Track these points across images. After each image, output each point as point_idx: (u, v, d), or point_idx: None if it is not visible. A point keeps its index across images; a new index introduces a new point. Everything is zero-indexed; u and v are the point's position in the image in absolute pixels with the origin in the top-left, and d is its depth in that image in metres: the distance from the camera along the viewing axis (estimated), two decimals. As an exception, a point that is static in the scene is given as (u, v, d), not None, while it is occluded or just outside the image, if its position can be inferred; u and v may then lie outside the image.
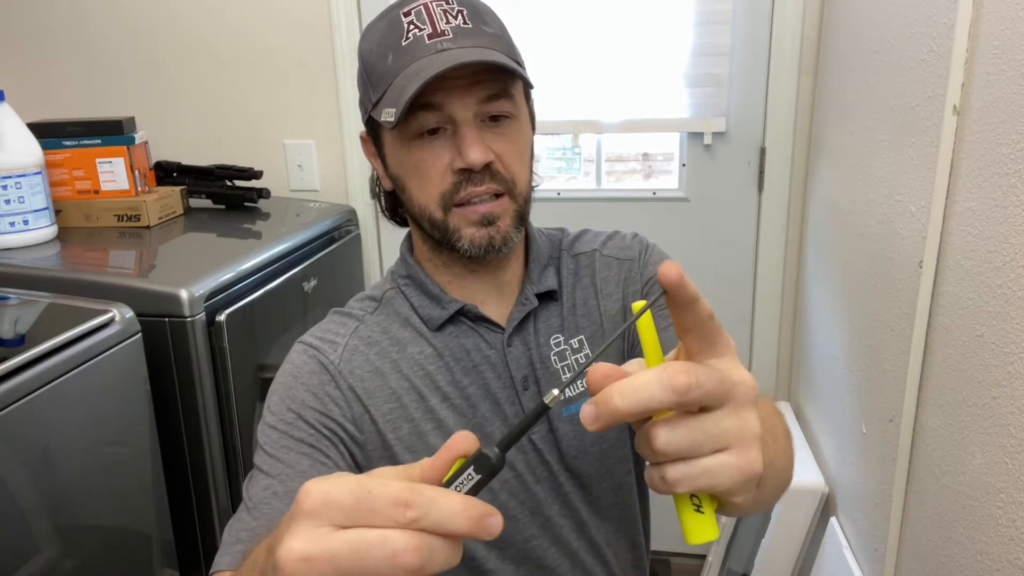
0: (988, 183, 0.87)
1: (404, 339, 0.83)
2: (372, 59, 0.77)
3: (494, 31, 0.77)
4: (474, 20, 0.76)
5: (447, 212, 0.77)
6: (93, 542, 1.12)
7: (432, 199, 0.77)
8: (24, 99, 1.85)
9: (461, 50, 0.73)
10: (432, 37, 0.74)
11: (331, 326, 0.85)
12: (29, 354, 1.01)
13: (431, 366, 0.82)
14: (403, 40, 0.75)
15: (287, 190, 1.96)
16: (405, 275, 0.87)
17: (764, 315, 1.88)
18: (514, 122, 0.78)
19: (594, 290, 0.89)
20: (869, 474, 1.25)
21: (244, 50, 1.89)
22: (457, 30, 0.75)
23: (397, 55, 0.75)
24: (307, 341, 0.83)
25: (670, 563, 2.08)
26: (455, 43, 0.74)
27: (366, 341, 0.83)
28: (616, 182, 1.95)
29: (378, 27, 0.78)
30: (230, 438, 1.33)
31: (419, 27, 0.74)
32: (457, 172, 0.76)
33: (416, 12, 0.75)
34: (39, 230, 1.49)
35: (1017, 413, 0.81)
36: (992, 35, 0.87)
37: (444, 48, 0.73)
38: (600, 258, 0.92)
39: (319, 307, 1.62)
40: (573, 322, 0.87)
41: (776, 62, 1.71)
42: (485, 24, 0.77)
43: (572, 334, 0.86)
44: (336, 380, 0.79)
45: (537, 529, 0.84)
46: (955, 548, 0.95)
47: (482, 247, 0.78)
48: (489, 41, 0.76)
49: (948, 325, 0.97)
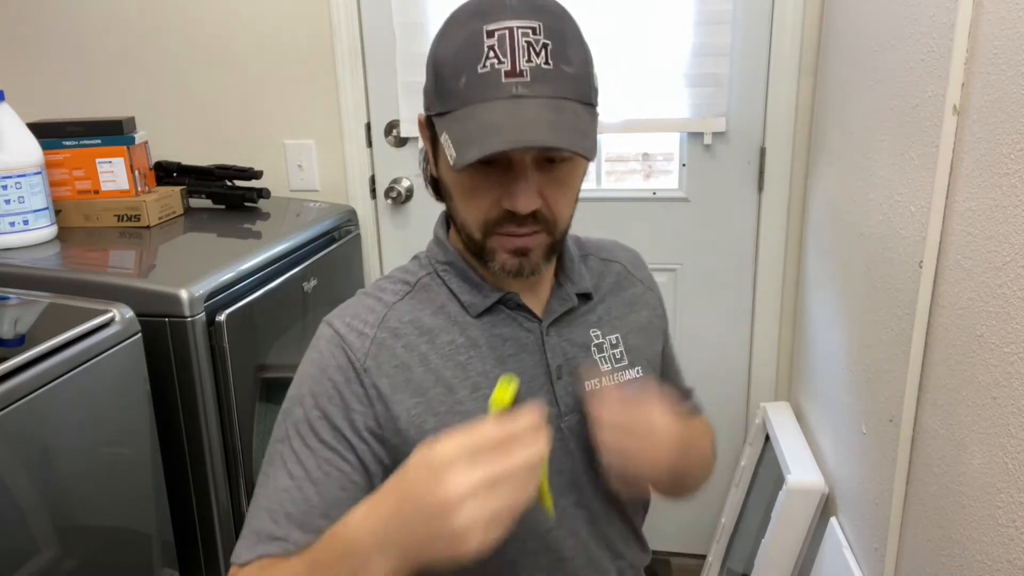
0: (988, 183, 0.87)
1: (435, 328, 0.84)
2: (445, 70, 0.75)
3: (574, 71, 0.74)
4: (556, 58, 0.72)
5: (486, 236, 0.79)
6: (93, 542, 1.12)
7: (476, 222, 0.79)
8: (24, 99, 1.84)
9: (535, 101, 0.71)
10: (509, 76, 0.71)
11: (360, 311, 0.84)
12: (29, 354, 1.01)
13: (463, 356, 0.83)
14: (480, 66, 0.72)
15: (287, 190, 1.96)
16: (444, 261, 0.87)
17: (764, 315, 1.88)
18: (572, 163, 0.78)
19: (625, 303, 0.95)
20: (869, 474, 1.25)
21: (244, 50, 1.89)
22: (536, 72, 0.71)
23: (470, 81, 0.72)
24: (336, 328, 0.83)
25: (670, 563, 2.08)
26: (530, 89, 0.71)
27: (394, 333, 0.83)
28: (616, 182, 1.95)
29: (457, 35, 0.75)
30: (230, 438, 1.33)
31: (499, 58, 0.72)
32: (504, 208, 0.76)
33: (500, 36, 0.72)
34: (39, 230, 1.50)
35: (1017, 413, 0.81)
36: (992, 35, 0.87)
37: (519, 94, 0.71)
38: (627, 274, 0.98)
39: (319, 307, 1.62)
40: (608, 322, 0.92)
41: (776, 62, 1.71)
42: (567, 63, 0.73)
43: (608, 332, 0.91)
44: (361, 378, 0.80)
45: (557, 524, 0.85)
46: (955, 548, 0.95)
47: (511, 273, 0.81)
48: (567, 88, 0.73)
49: (948, 325, 0.97)
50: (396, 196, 1.93)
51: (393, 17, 1.81)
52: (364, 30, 1.85)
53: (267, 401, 1.44)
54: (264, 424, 1.42)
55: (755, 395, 1.93)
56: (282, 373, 1.49)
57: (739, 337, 1.92)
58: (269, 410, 1.44)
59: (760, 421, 1.84)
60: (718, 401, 1.96)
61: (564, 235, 0.83)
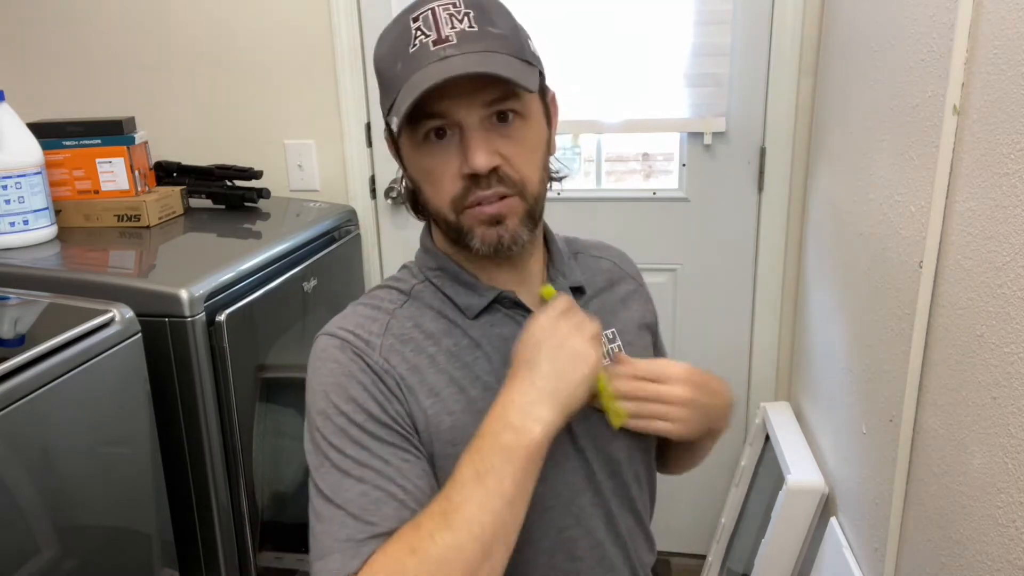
0: (988, 183, 0.87)
1: (438, 332, 0.84)
2: (383, 66, 0.78)
3: (501, 31, 0.77)
4: (480, 22, 0.76)
5: (459, 214, 0.79)
6: (93, 542, 1.12)
7: (444, 203, 0.79)
8: (24, 99, 1.84)
9: (462, 57, 0.74)
10: (436, 43, 0.74)
11: (362, 321, 0.83)
12: (29, 354, 1.01)
13: (469, 356, 0.83)
14: (410, 47, 0.75)
15: (287, 190, 1.96)
16: (435, 267, 0.87)
17: (764, 315, 1.88)
18: (523, 121, 0.78)
19: (617, 299, 0.96)
20: (869, 474, 1.25)
21: (244, 50, 1.89)
22: (461, 35, 0.75)
23: (405, 63, 0.75)
24: (343, 337, 0.81)
25: (670, 563, 2.08)
26: (458, 48, 0.74)
27: (400, 338, 0.82)
28: (616, 182, 1.95)
29: (391, 33, 0.79)
30: (230, 438, 1.33)
31: (425, 33, 0.75)
32: (465, 177, 0.77)
33: (424, 17, 0.76)
34: (39, 230, 1.50)
35: (1017, 413, 0.81)
36: (992, 35, 0.87)
37: (447, 55, 0.74)
38: (618, 271, 0.99)
39: (319, 307, 1.62)
40: (603, 317, 0.90)
41: (776, 62, 1.71)
42: (492, 25, 0.76)
43: (604, 326, 0.90)
44: (383, 378, 0.79)
45: (571, 519, 0.85)
46: (955, 548, 0.95)
47: (492, 246, 0.80)
48: (495, 44, 0.76)
49: (948, 325, 0.97)
50: (396, 196, 1.93)
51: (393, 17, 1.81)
52: (364, 30, 1.85)
53: (267, 401, 1.44)
54: (264, 424, 1.42)
55: (755, 395, 1.94)
56: (282, 373, 1.49)
57: (739, 337, 1.92)
58: (269, 410, 1.44)
59: (760, 421, 1.84)
60: (718, 401, 1.96)
61: (538, 202, 0.82)
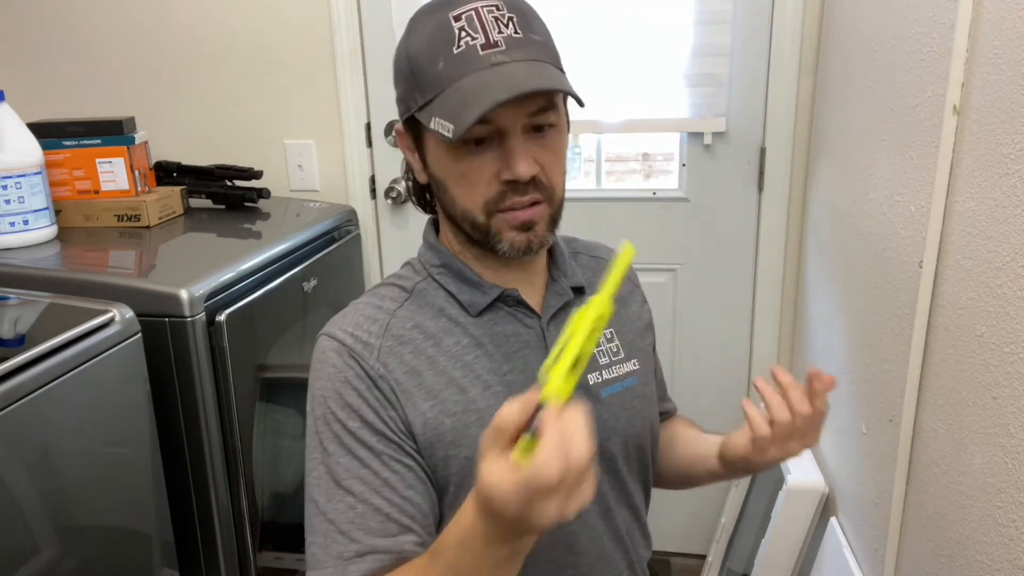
0: (988, 183, 0.87)
1: (438, 331, 0.84)
2: (420, 60, 0.77)
3: (541, 39, 0.78)
4: (524, 28, 0.76)
5: (490, 217, 0.80)
6: (93, 542, 1.12)
7: (476, 205, 0.79)
8: (24, 99, 1.84)
9: (515, 64, 0.74)
10: (485, 48, 0.74)
11: (361, 321, 0.83)
12: (29, 354, 1.01)
13: (470, 356, 0.83)
14: (454, 47, 0.74)
15: (287, 190, 1.96)
16: (439, 264, 0.87)
17: (764, 315, 1.88)
18: (556, 131, 0.80)
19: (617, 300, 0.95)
20: (869, 474, 1.25)
21: (244, 50, 1.89)
22: (509, 41, 0.75)
23: (449, 62, 0.75)
24: (342, 339, 0.81)
25: (670, 563, 2.08)
26: (508, 55, 0.74)
27: (399, 340, 0.82)
28: (616, 182, 1.95)
29: (425, 27, 0.77)
30: (230, 438, 1.33)
31: (471, 35, 0.74)
32: (503, 182, 0.78)
33: (467, 17, 0.75)
34: (39, 230, 1.49)
35: (1017, 413, 0.81)
36: (992, 35, 0.87)
37: (498, 62, 0.74)
38: None
39: (319, 307, 1.62)
40: None
41: (776, 62, 1.71)
42: (533, 32, 0.77)
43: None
44: (378, 384, 0.80)
45: None
46: (955, 548, 0.95)
47: (521, 250, 0.81)
48: (539, 52, 0.77)
49: (948, 325, 0.97)
50: (396, 196, 1.93)
51: (393, 17, 1.81)
52: (364, 30, 1.85)
53: (267, 401, 1.44)
54: (264, 424, 1.42)
55: (755, 395, 1.93)
56: (282, 373, 1.49)
57: (739, 337, 1.92)
58: (269, 410, 1.44)
59: (760, 421, 1.84)
60: (718, 401, 1.96)
61: (561, 207, 0.84)
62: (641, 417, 0.92)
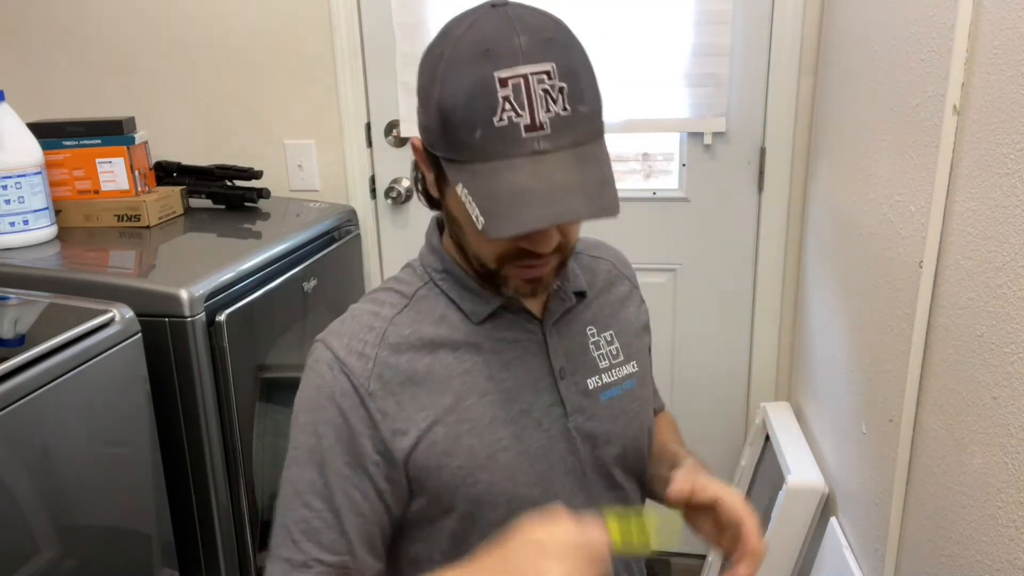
0: (988, 183, 0.87)
1: (436, 339, 0.83)
2: (455, 118, 0.71)
3: (589, 109, 0.73)
4: (573, 99, 0.71)
5: (501, 265, 0.79)
6: (93, 542, 1.12)
7: (490, 256, 0.78)
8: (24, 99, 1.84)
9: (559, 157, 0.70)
10: (530, 130, 0.69)
11: (358, 329, 0.82)
12: (29, 354, 1.01)
13: (467, 363, 0.82)
14: (496, 117, 0.68)
15: (287, 190, 1.96)
16: (441, 269, 0.86)
17: (764, 315, 1.88)
18: None
19: (616, 299, 0.96)
20: (869, 474, 1.25)
21: (244, 50, 1.89)
22: (555, 122, 0.70)
23: (487, 134, 0.69)
24: (336, 350, 0.81)
25: (670, 563, 2.08)
26: (552, 142, 0.69)
27: (395, 349, 0.81)
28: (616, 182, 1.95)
29: (465, 79, 0.70)
30: (230, 438, 1.33)
31: (516, 110, 0.68)
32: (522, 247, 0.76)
33: (514, 86, 0.68)
34: (39, 230, 1.50)
35: (1017, 413, 0.81)
36: (992, 35, 0.87)
37: (542, 150, 0.69)
38: (615, 272, 0.99)
39: (319, 307, 1.62)
40: (603, 319, 0.92)
41: (776, 62, 1.71)
42: (583, 101, 0.72)
43: (603, 328, 0.92)
44: (366, 403, 0.79)
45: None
46: (955, 548, 0.95)
47: (524, 295, 0.82)
48: (585, 131, 0.73)
49: (948, 325, 0.97)
50: (396, 196, 1.93)
51: (393, 17, 1.81)
52: (364, 30, 1.85)
53: (267, 401, 1.44)
54: (264, 424, 1.42)
55: (755, 395, 1.93)
56: (282, 373, 1.49)
57: (739, 337, 1.92)
58: (269, 410, 1.44)
59: (760, 421, 1.84)
60: (718, 401, 1.96)
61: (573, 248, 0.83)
62: (639, 420, 0.92)
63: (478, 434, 0.81)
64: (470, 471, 0.80)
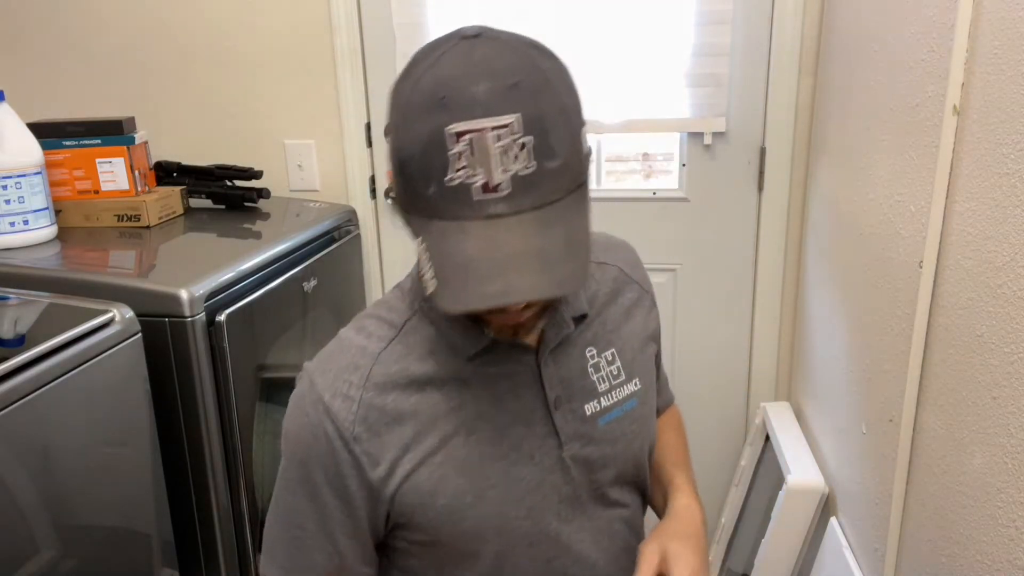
0: (988, 183, 0.87)
1: (424, 377, 0.79)
2: (410, 169, 0.65)
3: (560, 163, 0.64)
4: (540, 154, 0.62)
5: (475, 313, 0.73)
6: (93, 542, 1.12)
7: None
8: (24, 99, 1.84)
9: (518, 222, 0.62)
10: (486, 190, 0.62)
11: (344, 368, 0.78)
12: (29, 354, 1.01)
13: (455, 401, 0.79)
14: (447, 176, 0.62)
15: (287, 190, 1.96)
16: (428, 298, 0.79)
17: (764, 315, 1.88)
18: None
19: (621, 311, 0.90)
20: (869, 474, 1.25)
21: (244, 50, 1.89)
22: (516, 182, 0.62)
23: (440, 193, 0.63)
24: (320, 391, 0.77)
25: (670, 563, 2.08)
26: (511, 204, 0.62)
27: (381, 389, 0.78)
28: (616, 182, 1.95)
29: (419, 128, 0.63)
30: (230, 438, 1.33)
31: (471, 170, 0.61)
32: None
33: (469, 141, 0.61)
34: (39, 230, 1.49)
35: (1017, 413, 0.81)
36: (992, 35, 0.87)
37: (497, 213, 0.62)
38: (623, 279, 0.93)
39: (319, 307, 1.62)
40: (604, 336, 0.87)
41: (776, 62, 1.71)
42: (551, 157, 0.63)
43: (604, 347, 0.86)
44: (350, 446, 0.77)
45: (559, 550, 0.84)
46: (955, 548, 0.95)
47: (507, 336, 0.79)
48: (551, 187, 0.64)
49: (948, 325, 0.97)
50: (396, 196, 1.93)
51: (393, 17, 1.81)
52: (364, 30, 1.85)
53: (267, 401, 1.44)
54: (264, 424, 1.42)
55: (755, 395, 1.93)
56: (282, 373, 1.49)
57: (739, 337, 1.92)
58: (269, 410, 1.44)
59: (760, 421, 1.84)
60: (718, 401, 1.96)
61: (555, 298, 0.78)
62: (640, 439, 0.89)
63: (466, 473, 0.78)
64: (457, 509, 0.79)
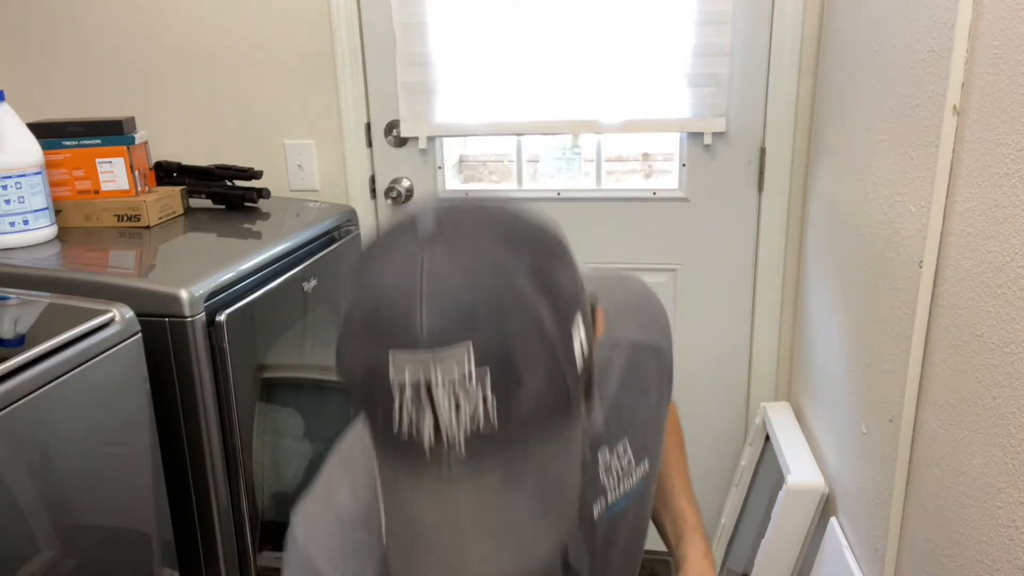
0: (988, 183, 0.87)
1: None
2: (354, 393, 0.54)
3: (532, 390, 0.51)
4: (501, 387, 0.49)
5: None
6: (93, 542, 1.12)
7: None
8: (24, 99, 1.85)
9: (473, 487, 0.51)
10: (436, 451, 0.50)
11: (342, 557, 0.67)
12: (29, 354, 1.01)
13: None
14: (392, 424, 0.51)
15: (287, 190, 1.96)
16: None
17: (764, 315, 1.88)
18: None
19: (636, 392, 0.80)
20: (869, 474, 1.25)
21: (244, 50, 1.89)
22: (472, 435, 0.50)
23: (386, 438, 0.52)
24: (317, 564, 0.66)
25: (670, 563, 2.08)
26: (468, 466, 0.50)
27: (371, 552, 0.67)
28: (616, 182, 1.95)
29: (359, 354, 0.52)
30: (230, 438, 1.33)
31: (416, 426, 0.50)
32: None
33: (414, 382, 0.49)
34: (39, 230, 1.49)
35: (1017, 413, 0.81)
36: (992, 35, 0.87)
37: (452, 476, 0.51)
38: (637, 355, 0.81)
39: (319, 307, 1.61)
40: (617, 426, 0.78)
41: (776, 62, 1.71)
42: (517, 385, 0.50)
43: (616, 440, 0.78)
44: None
45: None
46: (955, 548, 0.95)
47: None
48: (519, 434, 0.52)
49: (948, 325, 0.97)
50: (396, 196, 1.93)
51: (393, 17, 1.81)
52: (364, 30, 1.85)
53: (267, 401, 1.44)
54: (264, 424, 1.42)
55: (755, 395, 1.93)
56: (282, 373, 1.49)
57: (739, 337, 1.92)
58: (269, 410, 1.44)
59: (760, 421, 1.84)
60: (718, 401, 1.96)
61: None
62: (643, 519, 0.86)
63: None
64: None
